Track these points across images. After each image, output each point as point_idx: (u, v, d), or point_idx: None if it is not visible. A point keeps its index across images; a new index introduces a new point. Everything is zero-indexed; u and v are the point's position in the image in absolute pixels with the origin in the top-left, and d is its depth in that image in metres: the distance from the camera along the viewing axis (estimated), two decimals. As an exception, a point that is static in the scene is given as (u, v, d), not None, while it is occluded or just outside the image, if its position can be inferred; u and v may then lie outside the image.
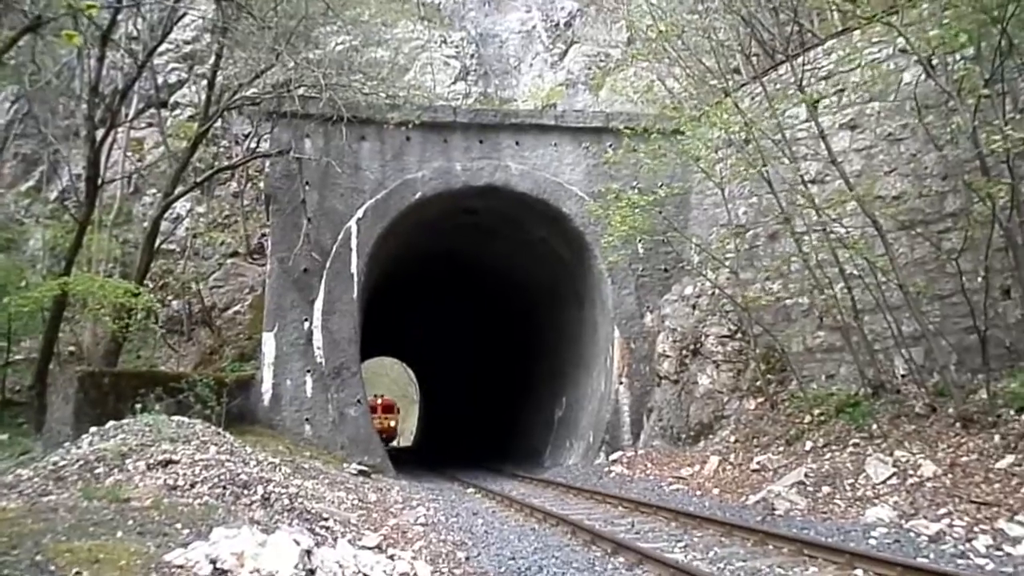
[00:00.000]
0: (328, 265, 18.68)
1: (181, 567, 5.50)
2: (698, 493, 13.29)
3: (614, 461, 17.78)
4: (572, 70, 31.02)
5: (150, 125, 27.70)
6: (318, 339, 18.27)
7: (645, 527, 10.54)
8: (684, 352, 18.04)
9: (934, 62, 12.09)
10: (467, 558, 8.58)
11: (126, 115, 24.31)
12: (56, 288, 17.13)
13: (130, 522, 6.96)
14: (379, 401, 40.43)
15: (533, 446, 24.49)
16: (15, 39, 8.59)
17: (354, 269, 18.84)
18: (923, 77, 12.47)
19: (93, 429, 11.35)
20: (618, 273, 19.68)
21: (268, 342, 18.16)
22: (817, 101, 13.99)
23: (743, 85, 18.01)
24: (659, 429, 18.03)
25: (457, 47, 32.18)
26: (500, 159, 20.22)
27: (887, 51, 13.91)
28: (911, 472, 10.54)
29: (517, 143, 20.43)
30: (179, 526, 7.03)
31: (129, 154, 26.22)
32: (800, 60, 14.55)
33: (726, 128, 14.75)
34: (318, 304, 18.46)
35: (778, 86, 15.82)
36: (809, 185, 14.05)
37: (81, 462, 9.47)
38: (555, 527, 10.84)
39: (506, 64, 32.88)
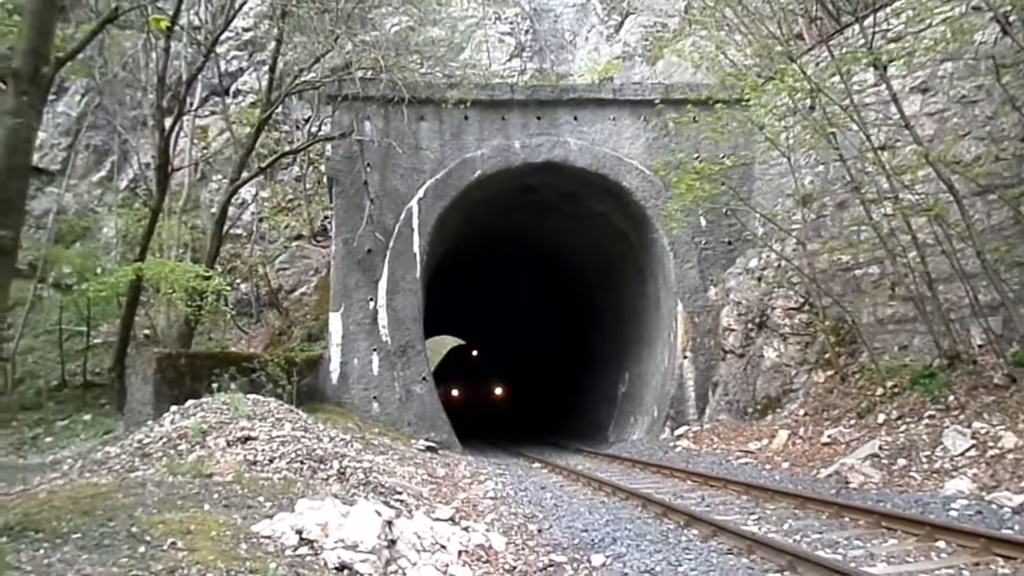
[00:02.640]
0: (391, 245, 18.91)
1: (268, 537, 5.70)
2: (767, 467, 13.14)
3: (679, 436, 17.68)
4: (628, 42, 30.58)
5: (213, 113, 28.31)
6: (383, 318, 18.54)
7: (716, 500, 10.49)
8: (750, 325, 17.80)
9: (1011, 18, 11.60)
10: (539, 530, 8.67)
11: (191, 104, 24.89)
12: (132, 273, 17.74)
13: (215, 496, 7.22)
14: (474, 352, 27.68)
15: (596, 421, 24.51)
16: (95, 32, 8.86)
17: (416, 249, 19.04)
18: (1000, 35, 11.97)
19: (173, 408, 11.74)
20: (680, 247, 19.47)
21: (335, 322, 18.50)
22: (887, 63, 13.51)
23: (808, 50, 17.53)
24: (725, 403, 17.86)
25: (512, 23, 32.00)
26: (558, 135, 20.12)
27: (959, 9, 13.35)
28: (991, 444, 10.25)
29: (575, 118, 20.30)
30: (261, 499, 7.26)
31: (195, 142, 26.87)
32: (869, 21, 14.09)
33: (791, 95, 14.39)
34: (382, 284, 18.72)
35: (844, 50, 15.35)
36: (879, 152, 13.63)
37: (164, 439, 9.85)
38: (625, 500, 10.86)
39: (561, 39, 32.59)
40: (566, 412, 29.47)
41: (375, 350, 18.37)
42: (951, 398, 11.85)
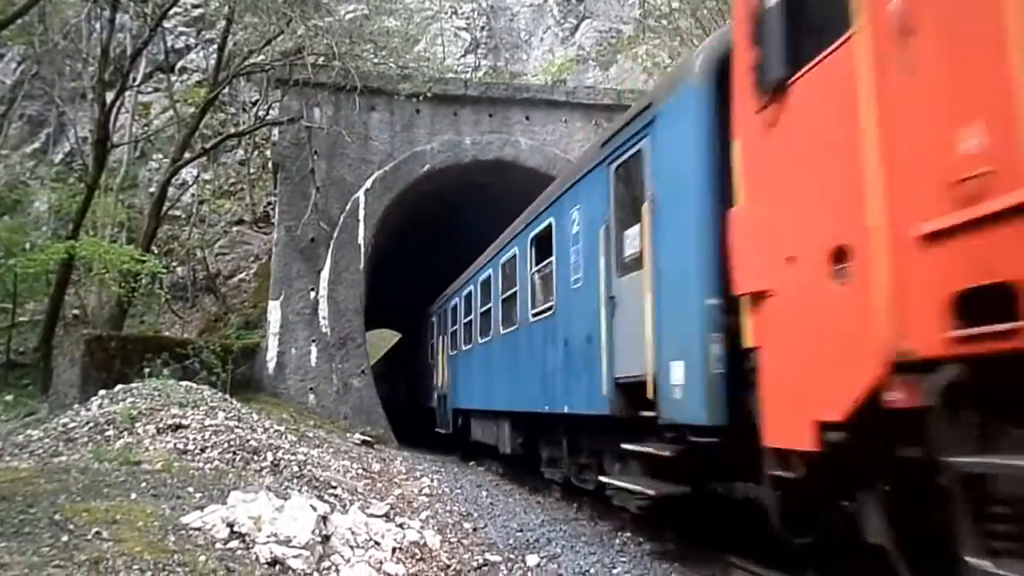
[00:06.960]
0: (335, 235, 18.66)
1: (199, 529, 5.54)
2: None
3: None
4: (583, 45, 30.74)
5: (157, 90, 27.56)
6: (324, 309, 18.29)
7: (649, 504, 10.57)
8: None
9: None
10: (474, 529, 8.65)
11: (134, 79, 24.17)
12: (63, 251, 17.14)
13: (143, 484, 6.99)
14: None
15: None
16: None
17: (361, 240, 18.83)
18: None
19: (102, 392, 11.36)
20: (625, 251, 19.63)
21: (274, 311, 18.17)
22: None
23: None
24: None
25: (468, 19, 31.89)
26: (510, 134, 20.13)
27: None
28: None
29: (527, 118, 20.33)
30: (191, 489, 7.06)
31: (136, 118, 26.09)
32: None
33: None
34: (324, 274, 18.46)
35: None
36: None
37: (91, 424, 9.51)
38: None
39: (516, 38, 32.60)
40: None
41: (314, 341, 18.11)
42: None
